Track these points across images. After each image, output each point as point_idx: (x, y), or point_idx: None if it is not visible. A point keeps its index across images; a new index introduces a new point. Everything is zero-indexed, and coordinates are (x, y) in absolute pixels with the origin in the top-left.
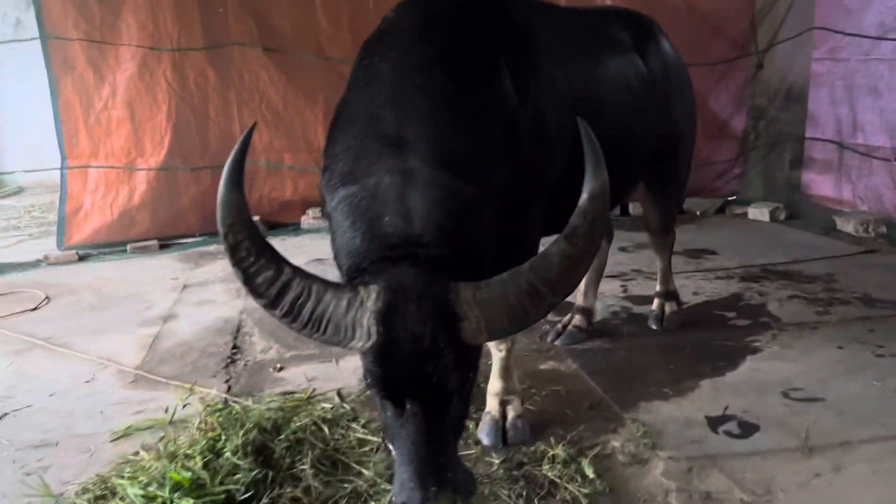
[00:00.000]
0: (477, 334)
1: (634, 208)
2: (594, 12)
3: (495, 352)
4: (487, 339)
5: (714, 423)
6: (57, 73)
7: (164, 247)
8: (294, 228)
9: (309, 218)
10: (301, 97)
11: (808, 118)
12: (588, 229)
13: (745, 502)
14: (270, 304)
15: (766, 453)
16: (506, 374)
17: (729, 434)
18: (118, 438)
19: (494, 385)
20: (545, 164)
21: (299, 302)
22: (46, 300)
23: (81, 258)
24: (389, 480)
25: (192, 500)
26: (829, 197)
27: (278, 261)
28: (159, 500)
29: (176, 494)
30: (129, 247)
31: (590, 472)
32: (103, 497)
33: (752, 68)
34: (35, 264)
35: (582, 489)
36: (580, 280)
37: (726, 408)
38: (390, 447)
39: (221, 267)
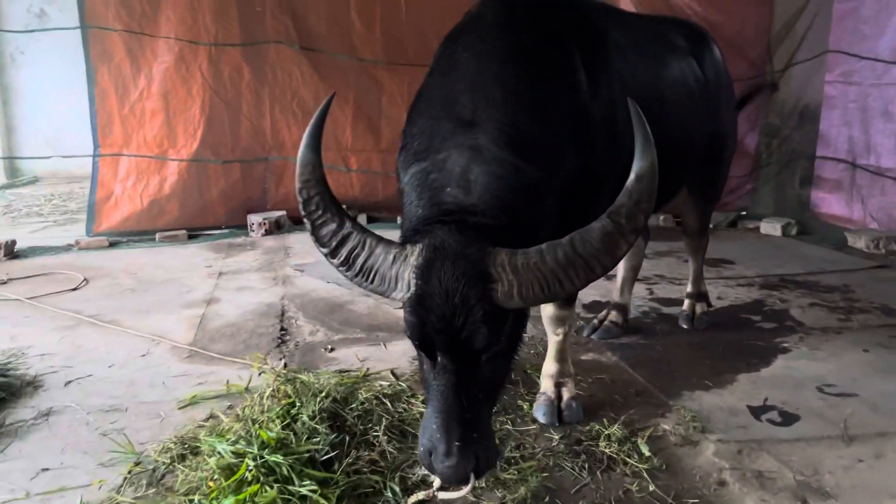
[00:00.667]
0: (508, 298)
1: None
2: (654, 18)
3: (552, 335)
4: (519, 305)
5: (756, 412)
6: (95, 62)
7: (191, 237)
8: None
9: None
10: None
11: (820, 139)
12: (632, 209)
13: (796, 481)
14: (331, 254)
15: (809, 440)
16: (561, 356)
17: (772, 422)
18: (185, 406)
19: (550, 367)
20: (614, 156)
21: (354, 253)
22: (85, 282)
23: (111, 244)
24: None
25: (280, 457)
26: (839, 215)
27: (342, 216)
28: (249, 456)
29: (265, 451)
30: (157, 235)
31: (645, 450)
32: (183, 456)
33: (767, 89)
34: (66, 249)
35: (640, 465)
36: (619, 259)
37: (766, 399)
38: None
39: (253, 257)
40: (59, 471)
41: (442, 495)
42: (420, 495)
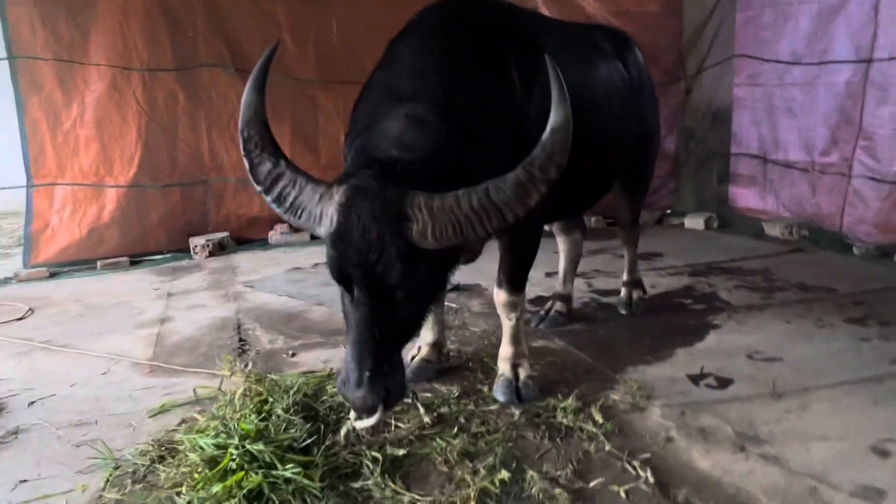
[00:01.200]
0: (422, 237)
1: None
2: (581, 26)
3: (505, 321)
4: (433, 245)
5: (695, 379)
6: (24, 92)
7: (134, 263)
8: (262, 244)
9: (277, 233)
10: (270, 116)
11: (733, 138)
12: (545, 161)
13: (735, 432)
14: (266, 191)
15: (743, 399)
16: (515, 340)
17: (709, 386)
18: (156, 414)
19: (505, 351)
20: None
21: (286, 191)
22: (30, 311)
23: (52, 275)
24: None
25: (262, 446)
26: (755, 208)
27: (278, 156)
28: (231, 446)
29: (246, 441)
30: (99, 264)
31: (599, 418)
32: (162, 457)
33: (682, 93)
34: (3, 282)
35: (595, 430)
36: (529, 207)
37: (702, 368)
38: None
39: (200, 278)
40: (38, 481)
41: (356, 424)
42: (345, 427)
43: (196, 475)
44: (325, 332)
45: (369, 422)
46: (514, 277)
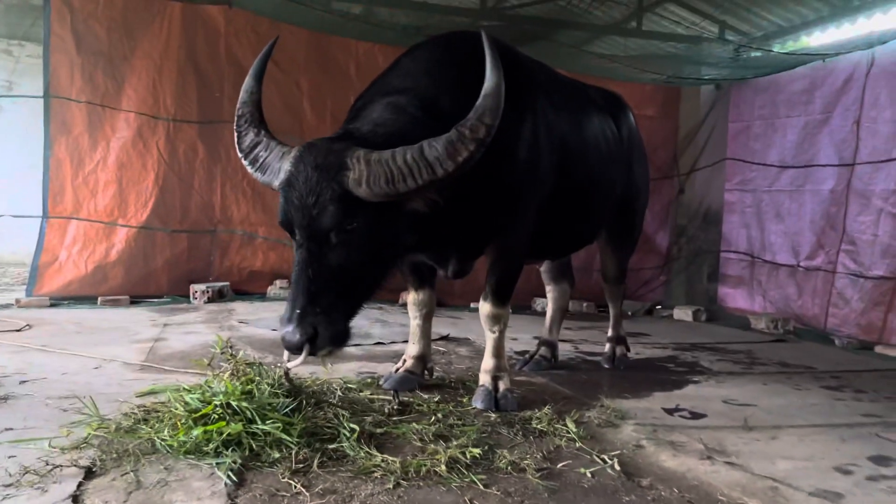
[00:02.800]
0: (357, 185)
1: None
2: (579, 82)
3: (488, 333)
4: (366, 193)
5: (669, 411)
6: (53, 133)
7: (134, 303)
8: (260, 297)
9: (276, 288)
10: None
11: (723, 240)
12: (476, 122)
13: (705, 447)
14: (245, 156)
15: (715, 427)
16: (497, 353)
17: (683, 417)
18: (144, 395)
19: (487, 363)
20: (532, 188)
21: (260, 154)
22: (28, 326)
23: (53, 305)
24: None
25: (245, 403)
26: (743, 308)
27: (260, 129)
28: (215, 400)
29: (231, 398)
30: (99, 300)
31: (572, 427)
32: (146, 420)
33: (674, 192)
34: (5, 307)
35: (569, 435)
36: (458, 169)
37: (678, 405)
38: None
39: (197, 316)
40: (23, 430)
41: (289, 364)
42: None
43: (179, 424)
44: None
45: (297, 361)
46: (498, 290)
